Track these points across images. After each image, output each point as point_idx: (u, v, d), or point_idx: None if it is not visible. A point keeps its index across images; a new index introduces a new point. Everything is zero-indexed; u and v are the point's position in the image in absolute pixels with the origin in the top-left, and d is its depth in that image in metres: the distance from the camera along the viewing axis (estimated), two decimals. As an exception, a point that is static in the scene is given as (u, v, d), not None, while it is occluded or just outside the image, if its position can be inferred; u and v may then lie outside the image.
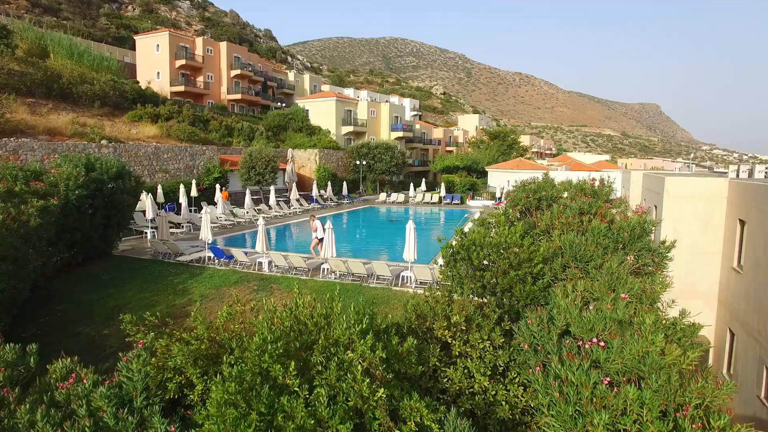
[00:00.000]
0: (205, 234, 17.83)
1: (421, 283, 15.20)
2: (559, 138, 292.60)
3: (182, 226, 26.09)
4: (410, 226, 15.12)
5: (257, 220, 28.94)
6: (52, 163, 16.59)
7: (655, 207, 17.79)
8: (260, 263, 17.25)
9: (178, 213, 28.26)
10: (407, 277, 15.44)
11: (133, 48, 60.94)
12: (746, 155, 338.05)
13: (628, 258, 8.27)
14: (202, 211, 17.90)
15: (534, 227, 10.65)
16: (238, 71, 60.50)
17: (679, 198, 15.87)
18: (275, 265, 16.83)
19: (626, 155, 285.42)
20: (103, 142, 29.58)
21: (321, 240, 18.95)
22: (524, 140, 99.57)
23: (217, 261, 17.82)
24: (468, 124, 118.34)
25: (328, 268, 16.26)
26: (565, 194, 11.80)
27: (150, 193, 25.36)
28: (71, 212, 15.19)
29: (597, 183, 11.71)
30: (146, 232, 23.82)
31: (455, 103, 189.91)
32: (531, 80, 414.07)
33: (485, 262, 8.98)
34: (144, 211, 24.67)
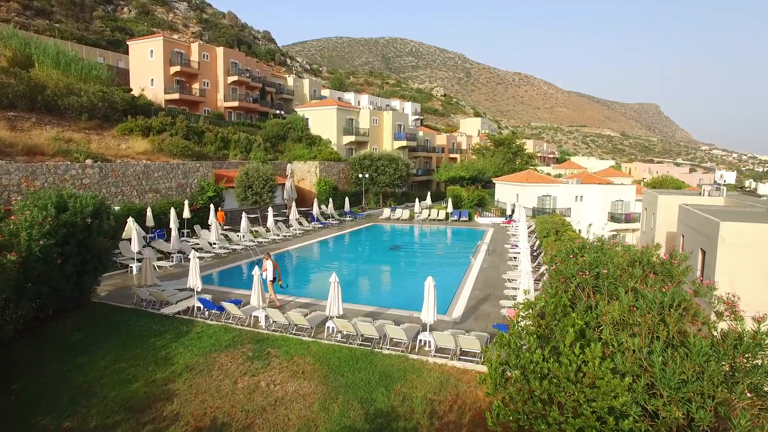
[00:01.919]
0: (194, 281, 15.75)
1: (441, 349, 13.10)
2: (560, 139, 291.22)
3: (172, 257, 23.95)
4: (429, 284, 13.03)
5: (254, 247, 26.91)
6: (17, 206, 14.46)
7: (702, 251, 15.79)
8: (256, 317, 15.18)
9: (168, 240, 26.12)
10: (426, 341, 13.34)
11: (128, 52, 58.68)
12: (745, 155, 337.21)
13: (743, 388, 6.22)
14: (191, 255, 15.79)
15: (590, 309, 8.60)
16: (236, 77, 58.42)
17: (737, 246, 13.81)
18: (273, 320, 14.74)
19: (626, 156, 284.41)
20: (88, 161, 27.46)
21: (273, 281, 17.31)
22: (528, 144, 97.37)
23: (207, 312, 15.73)
24: (470, 128, 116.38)
25: (333, 327, 14.17)
26: (616, 256, 9.72)
27: (136, 222, 23.37)
28: (36, 264, 13.08)
29: (663, 252, 9.65)
30: (132, 267, 21.72)
31: (456, 105, 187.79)
32: (530, 80, 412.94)
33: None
34: (130, 240, 22.63)
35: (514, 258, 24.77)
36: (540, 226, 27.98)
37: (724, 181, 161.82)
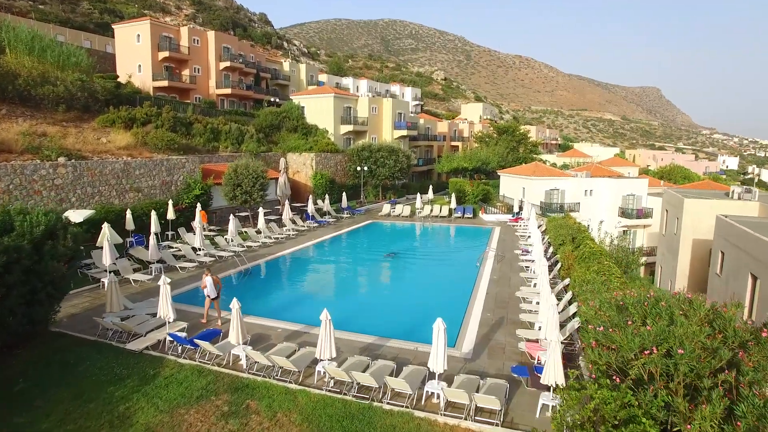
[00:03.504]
0: (165, 310, 13.60)
1: (452, 403, 11.01)
2: (560, 123, 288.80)
3: (151, 268, 21.75)
4: (439, 327, 10.89)
5: (241, 254, 24.48)
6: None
7: (754, 277, 13.68)
8: (236, 356, 13.09)
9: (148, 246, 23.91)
10: (434, 393, 11.26)
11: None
12: (746, 140, 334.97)
13: None
14: (161, 281, 13.61)
15: (652, 399, 6.47)
16: (228, 63, 55.72)
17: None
18: (256, 360, 12.65)
19: (628, 140, 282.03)
20: (61, 159, 25.11)
21: (215, 299, 15.87)
22: (531, 131, 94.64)
23: (180, 348, 13.61)
24: (472, 113, 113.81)
25: (323, 372, 12.07)
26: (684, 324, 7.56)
27: (116, 226, 21.26)
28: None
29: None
30: (104, 281, 19.50)
31: (456, 89, 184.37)
32: (531, 63, 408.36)
33: None
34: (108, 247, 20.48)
35: (527, 268, 22.65)
36: (554, 231, 25.81)
37: (727, 166, 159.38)
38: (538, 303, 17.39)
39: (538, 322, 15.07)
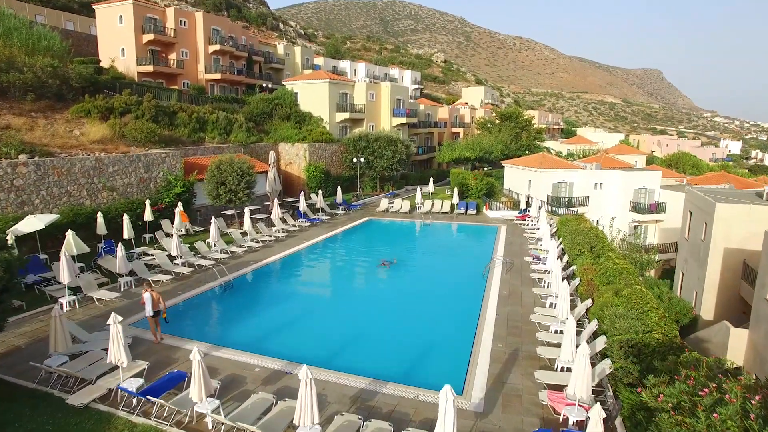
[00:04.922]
0: (117, 354, 11.33)
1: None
2: (561, 106, 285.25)
3: (119, 283, 19.39)
4: (447, 397, 8.59)
5: (220, 265, 21.74)
6: None
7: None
8: (199, 413, 10.85)
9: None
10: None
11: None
12: (747, 123, 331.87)
13: None
14: (110, 320, 11.30)
15: None
16: (218, 46, 52.67)
17: None
18: (222, 422, 10.40)
19: (629, 123, 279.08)
20: (21, 157, 22.61)
21: (154, 315, 14.37)
22: (534, 117, 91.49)
23: (135, 399, 11.35)
24: (472, 97, 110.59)
25: (305, 441, 9.82)
26: None
27: (86, 230, 18.90)
28: None
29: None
30: (62, 302, 17.15)
31: (457, 71, 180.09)
32: (531, 45, 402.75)
33: None
34: (74, 256, 18.23)
35: (540, 281, 20.37)
36: (569, 238, 23.45)
37: (730, 151, 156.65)
38: (557, 331, 15.19)
39: (560, 360, 12.84)
